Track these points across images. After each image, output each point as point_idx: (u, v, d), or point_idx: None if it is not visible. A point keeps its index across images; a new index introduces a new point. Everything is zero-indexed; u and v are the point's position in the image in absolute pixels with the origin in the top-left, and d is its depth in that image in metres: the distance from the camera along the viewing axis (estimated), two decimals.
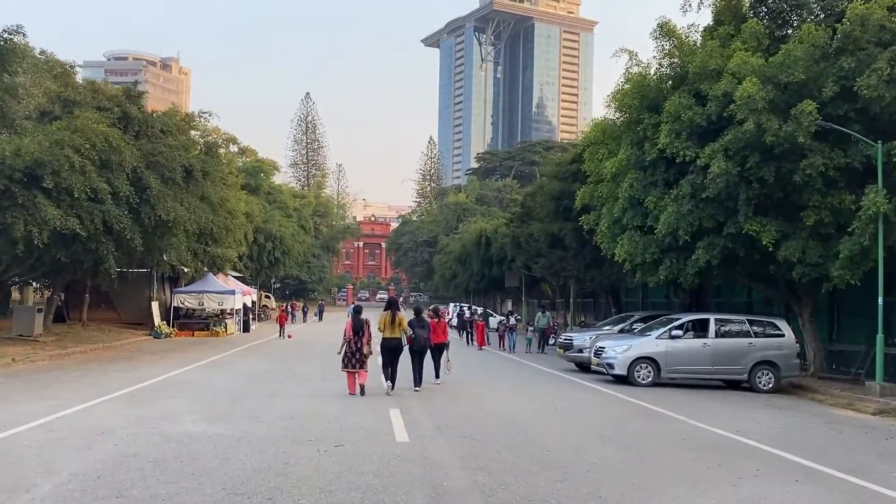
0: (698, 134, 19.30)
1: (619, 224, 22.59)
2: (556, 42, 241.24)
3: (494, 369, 21.25)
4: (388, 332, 15.28)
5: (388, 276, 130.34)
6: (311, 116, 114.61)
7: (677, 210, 19.35)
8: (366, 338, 14.82)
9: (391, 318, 15.31)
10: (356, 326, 14.84)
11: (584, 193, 24.92)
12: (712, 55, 19.00)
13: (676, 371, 17.96)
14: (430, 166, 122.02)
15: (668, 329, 18.16)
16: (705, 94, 19.15)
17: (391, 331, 15.28)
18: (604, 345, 18.66)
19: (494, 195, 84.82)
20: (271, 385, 16.34)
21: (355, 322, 14.89)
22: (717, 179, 18.17)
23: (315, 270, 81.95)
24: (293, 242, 57.93)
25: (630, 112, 21.62)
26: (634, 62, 22.76)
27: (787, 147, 17.63)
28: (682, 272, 20.58)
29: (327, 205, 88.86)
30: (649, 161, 20.67)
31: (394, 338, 15.24)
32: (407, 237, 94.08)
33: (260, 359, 23.61)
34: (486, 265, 54.19)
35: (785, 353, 18.06)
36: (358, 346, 14.70)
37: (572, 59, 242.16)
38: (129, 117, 24.70)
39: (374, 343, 15.42)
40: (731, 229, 19.08)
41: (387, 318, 15.31)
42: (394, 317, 15.32)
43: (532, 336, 28.74)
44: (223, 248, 34.65)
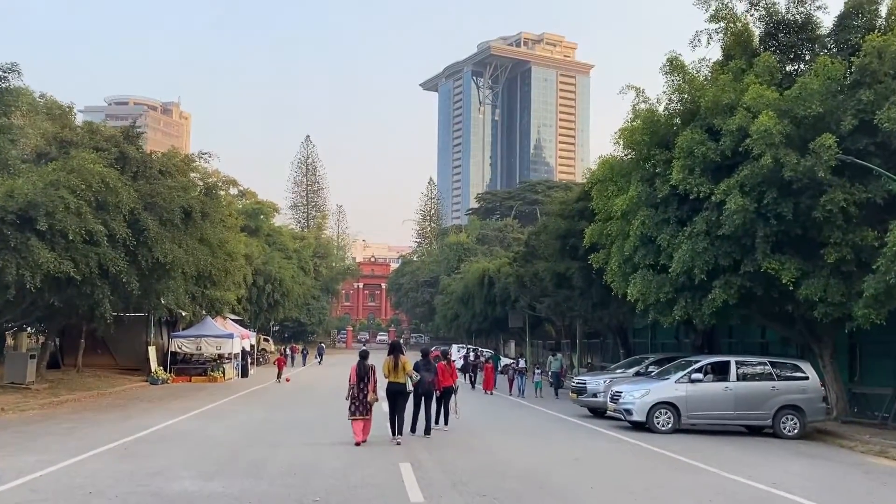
0: (712, 170, 18.74)
1: (630, 262, 21.92)
2: (552, 85, 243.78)
3: (506, 415, 20.37)
4: (391, 376, 14.83)
5: (388, 318, 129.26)
6: (312, 158, 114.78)
7: (692, 248, 18.69)
8: (371, 384, 14.30)
9: (394, 362, 14.85)
10: (361, 372, 14.35)
11: (592, 231, 24.30)
12: (725, 89, 18.52)
13: (697, 416, 17.12)
14: (429, 206, 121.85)
15: (688, 372, 17.37)
16: (718, 129, 18.64)
17: (394, 375, 14.82)
18: (620, 389, 17.84)
19: (495, 235, 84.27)
20: (272, 435, 15.49)
21: (360, 367, 14.40)
22: (734, 216, 17.54)
23: (314, 312, 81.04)
24: (293, 284, 57.23)
25: (640, 148, 21.11)
26: (642, 99, 22.44)
27: (805, 182, 17.06)
28: (698, 312, 19.84)
29: (327, 246, 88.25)
30: (661, 198, 20.08)
31: (397, 382, 14.75)
32: (407, 277, 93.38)
33: (259, 406, 22.73)
34: (489, 305, 53.46)
35: (810, 396, 17.26)
36: (364, 392, 14.20)
37: (569, 102, 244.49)
38: (126, 158, 24.18)
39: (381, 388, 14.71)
40: (748, 267, 18.40)
41: (390, 363, 14.88)
42: (396, 361, 14.85)
43: (541, 379, 27.63)
44: (222, 290, 33.95)
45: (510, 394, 27.80)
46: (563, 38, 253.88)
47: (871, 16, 18.89)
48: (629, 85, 22.74)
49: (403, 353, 15.42)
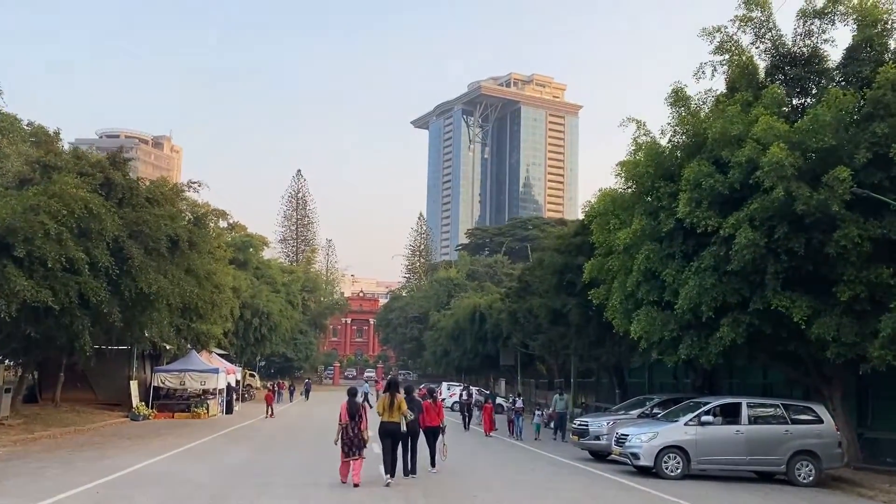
0: (719, 203, 18.12)
1: (632, 299, 21.19)
2: (542, 125, 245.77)
3: (505, 460, 19.17)
4: (386, 415, 14.20)
5: (376, 354, 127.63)
6: (302, 193, 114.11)
7: (699, 283, 17.99)
8: (363, 423, 13.79)
9: (390, 400, 14.25)
10: (351, 410, 13.79)
11: (592, 266, 23.58)
12: (734, 121, 17.98)
13: (707, 461, 16.24)
14: (419, 242, 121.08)
15: (698, 414, 16.51)
16: (726, 162, 18.06)
17: (389, 414, 14.20)
18: (626, 432, 16.94)
19: (485, 271, 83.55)
20: (257, 479, 14.46)
21: (350, 405, 13.87)
22: (744, 251, 16.87)
23: (302, 347, 79.72)
24: (281, 318, 56.20)
25: (643, 181, 20.51)
26: (643, 132, 21.98)
27: (818, 216, 16.46)
28: (704, 351, 19.08)
29: (316, 280, 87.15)
30: (666, 232, 19.44)
31: (392, 422, 14.12)
32: (396, 313, 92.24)
33: (244, 445, 21.63)
34: (480, 342, 52.51)
35: (825, 441, 16.43)
36: (355, 431, 13.66)
37: (558, 141, 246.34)
38: (112, 184, 23.35)
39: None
40: (757, 305, 17.69)
41: (385, 401, 14.31)
42: (392, 399, 14.24)
43: (540, 420, 26.53)
44: (208, 323, 32.95)
45: (511, 434, 26.55)
46: (552, 79, 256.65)
47: (882, 49, 18.48)
48: (630, 117, 22.35)
49: (400, 390, 14.82)
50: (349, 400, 14.03)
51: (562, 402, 25.91)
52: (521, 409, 25.13)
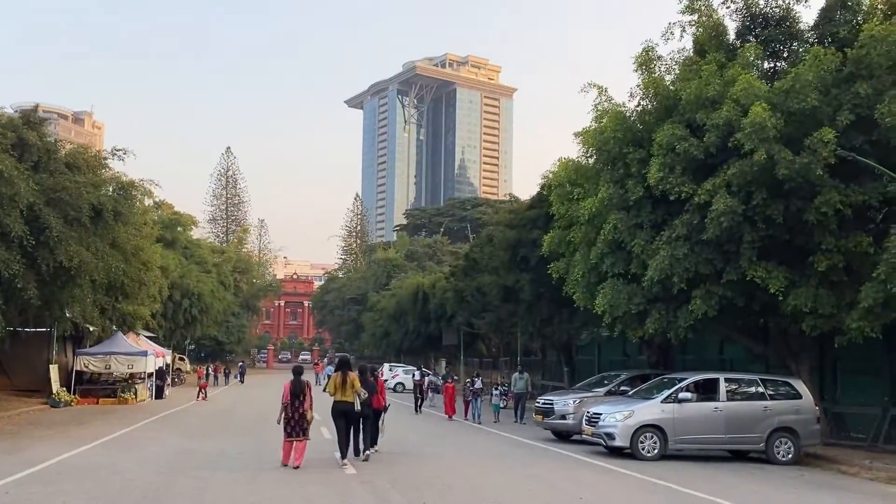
0: (693, 169, 17.16)
1: (595, 272, 20.17)
2: (477, 107, 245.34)
3: (470, 445, 17.54)
4: (338, 394, 13.54)
5: (311, 337, 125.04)
6: (232, 171, 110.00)
7: (671, 254, 17.00)
8: (307, 402, 13.22)
9: (342, 379, 13.61)
10: (295, 390, 13.20)
11: (551, 239, 22.46)
12: (709, 81, 16.97)
13: (685, 441, 15.30)
14: (356, 222, 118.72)
15: (675, 391, 15.51)
16: (701, 125, 17.09)
17: (342, 393, 13.53)
18: (599, 411, 15.84)
19: (425, 251, 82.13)
20: (198, 471, 12.79)
21: (294, 385, 13.26)
22: (721, 218, 15.94)
23: (234, 330, 76.94)
24: (212, 300, 53.60)
25: (609, 147, 19.40)
26: (605, 98, 20.96)
27: (798, 182, 15.62)
28: (673, 325, 18.20)
29: (248, 261, 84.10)
30: (634, 200, 18.39)
31: (345, 401, 13.47)
32: (333, 294, 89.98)
33: (179, 432, 19.79)
34: (423, 322, 51.22)
35: (804, 418, 15.69)
36: (299, 411, 13.10)
37: (493, 124, 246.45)
38: (26, 145, 20.91)
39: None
40: (731, 276, 16.83)
41: (337, 380, 13.65)
42: (345, 378, 13.61)
43: (499, 402, 24.78)
44: (135, 304, 30.63)
45: (465, 418, 24.73)
46: (488, 60, 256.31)
47: (857, 8, 17.73)
48: (591, 83, 21.31)
49: (352, 369, 14.29)
50: (294, 379, 13.36)
51: (522, 382, 24.48)
52: (480, 391, 23.70)
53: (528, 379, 24.98)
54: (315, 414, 14.08)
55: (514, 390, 24.26)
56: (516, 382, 24.10)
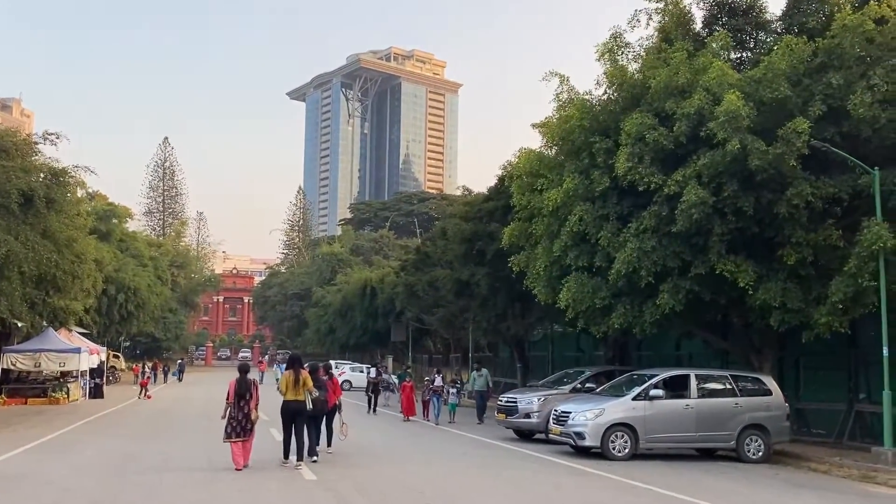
0: (661, 159, 16.70)
1: (557, 265, 19.59)
2: (422, 101, 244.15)
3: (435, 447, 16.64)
4: (290, 393, 13.07)
5: (251, 333, 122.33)
6: (170, 162, 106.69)
7: (639, 247, 16.52)
8: (253, 401, 12.77)
9: (294, 377, 13.16)
10: (241, 388, 12.74)
11: (512, 231, 21.79)
12: (680, 69, 16.51)
13: (656, 440, 14.80)
14: (298, 216, 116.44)
15: (646, 388, 14.99)
16: (671, 114, 16.63)
17: (294, 392, 13.08)
18: (568, 409, 15.21)
19: (371, 246, 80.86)
20: (141, 477, 11.71)
21: (240, 383, 12.80)
22: (692, 210, 15.50)
23: (171, 327, 74.41)
24: (149, 295, 51.58)
25: (575, 137, 18.85)
26: (567, 87, 20.46)
27: (770, 174, 15.29)
28: (638, 320, 17.75)
29: (186, 255, 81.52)
30: (599, 192, 17.86)
31: (297, 400, 13.05)
32: (275, 290, 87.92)
33: (119, 435, 18.47)
34: (370, 318, 50.18)
35: (774, 414, 15.38)
36: (244, 410, 12.64)
37: (438, 119, 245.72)
38: None
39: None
40: (699, 269, 16.44)
41: (289, 378, 13.17)
42: (297, 376, 13.17)
43: (456, 400, 22.85)
44: (68, 298, 28.87)
45: (425, 418, 23.01)
46: (433, 55, 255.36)
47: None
48: (552, 71, 20.83)
49: (304, 366, 13.84)
50: (239, 377, 12.92)
51: (481, 380, 23.24)
52: (440, 389, 22.77)
53: (488, 376, 24.00)
54: (262, 414, 13.48)
55: (473, 388, 23.30)
56: (475, 380, 23.15)
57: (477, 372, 23.51)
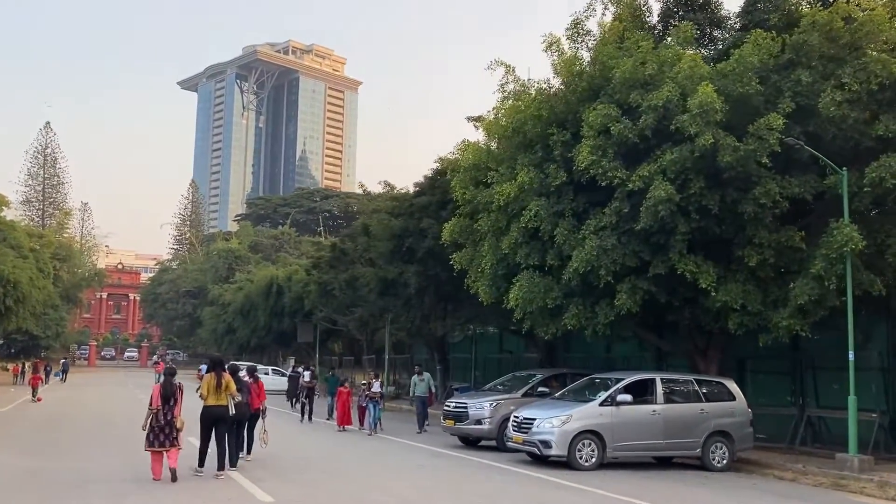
0: (623, 153, 16.01)
1: (503, 263, 18.64)
2: (321, 97, 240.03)
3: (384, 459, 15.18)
4: (212, 398, 12.32)
5: (137, 332, 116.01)
6: (52, 148, 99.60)
7: (599, 245, 15.75)
8: (178, 407, 11.93)
9: (216, 381, 12.40)
10: (166, 393, 11.85)
11: (453, 227, 20.67)
12: (647, 60, 15.86)
13: (623, 448, 13.99)
14: (190, 210, 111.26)
15: (612, 393, 14.17)
16: (634, 106, 15.95)
17: (216, 397, 12.34)
18: (531, 415, 14.18)
19: (271, 243, 77.98)
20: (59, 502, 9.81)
21: (165, 388, 11.89)
22: (659, 207, 14.85)
23: (51, 324, 69.17)
24: (31, 289, 47.42)
25: (529, 128, 17.96)
26: (511, 78, 19.70)
27: (738, 171, 14.83)
28: (591, 321, 17.00)
29: (69, 248, 76.06)
30: (555, 186, 17.01)
31: (219, 405, 12.31)
32: (166, 287, 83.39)
33: (11, 445, 16.08)
34: (275, 317, 47.94)
35: (738, 420, 14.90)
36: (168, 417, 11.76)
37: (337, 116, 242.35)
38: None
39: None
40: (658, 269, 15.84)
41: (211, 382, 12.41)
42: (220, 379, 12.43)
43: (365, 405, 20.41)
44: None
45: (361, 426, 20.90)
46: (333, 51, 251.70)
47: None
48: (498, 60, 20.09)
49: (226, 369, 12.99)
50: (164, 381, 12.03)
51: (423, 384, 21.32)
52: (378, 395, 20.50)
53: (430, 381, 22.10)
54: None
55: (414, 394, 21.58)
56: (416, 385, 21.48)
57: (418, 376, 21.77)
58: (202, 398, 12.41)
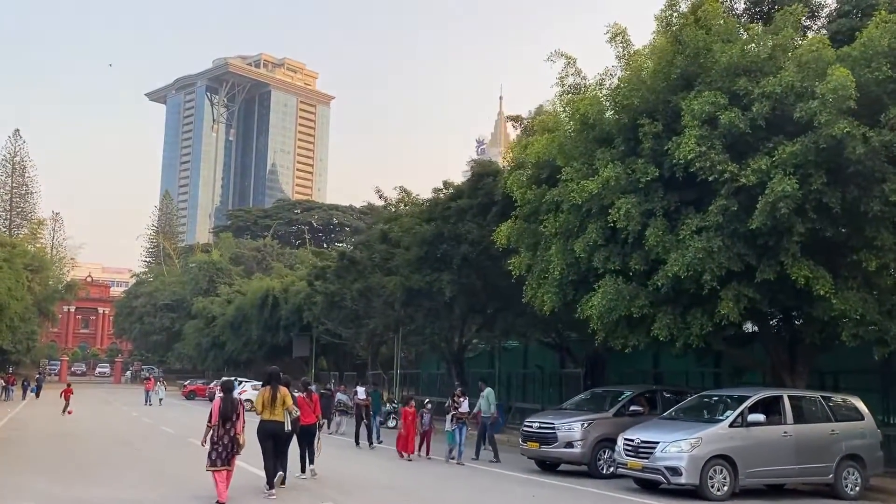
0: (729, 145, 14.47)
1: (575, 268, 16.96)
2: (292, 111, 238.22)
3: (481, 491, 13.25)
4: (266, 413, 11.96)
5: (106, 347, 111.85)
6: (21, 157, 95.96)
7: (706, 247, 14.16)
8: (239, 423, 11.32)
9: (271, 395, 12.03)
10: (226, 409, 11.27)
11: (509, 230, 18.96)
12: (761, 43, 14.39)
13: (755, 474, 12.33)
14: (164, 222, 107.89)
15: (741, 412, 12.50)
16: (742, 94, 14.46)
17: (271, 412, 11.98)
18: (652, 438, 12.45)
19: (253, 255, 75.36)
20: None
21: (225, 404, 11.33)
22: (780, 204, 13.30)
23: (22, 338, 65.76)
24: (9, 299, 44.69)
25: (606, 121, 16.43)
26: (572, 71, 18.31)
27: (865, 166, 13.36)
28: (683, 332, 15.38)
29: (42, 259, 72.65)
30: (644, 183, 15.41)
31: (275, 420, 11.97)
32: (143, 300, 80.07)
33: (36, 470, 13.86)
34: (270, 331, 45.61)
35: (869, 443, 13.38)
36: (230, 434, 11.19)
37: (308, 130, 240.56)
38: None
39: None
40: (767, 274, 14.29)
41: (266, 396, 12.04)
42: (275, 393, 12.04)
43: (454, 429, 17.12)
44: None
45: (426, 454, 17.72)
46: (304, 65, 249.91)
47: None
48: (558, 51, 18.70)
49: (282, 382, 12.52)
50: (224, 396, 11.47)
51: (484, 402, 18.16)
52: (467, 416, 17.12)
53: (492, 397, 18.75)
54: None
55: (484, 414, 18.12)
56: (481, 403, 18.31)
57: (485, 394, 18.52)
58: (257, 413, 11.95)
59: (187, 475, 13.32)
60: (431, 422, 17.81)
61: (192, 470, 13.41)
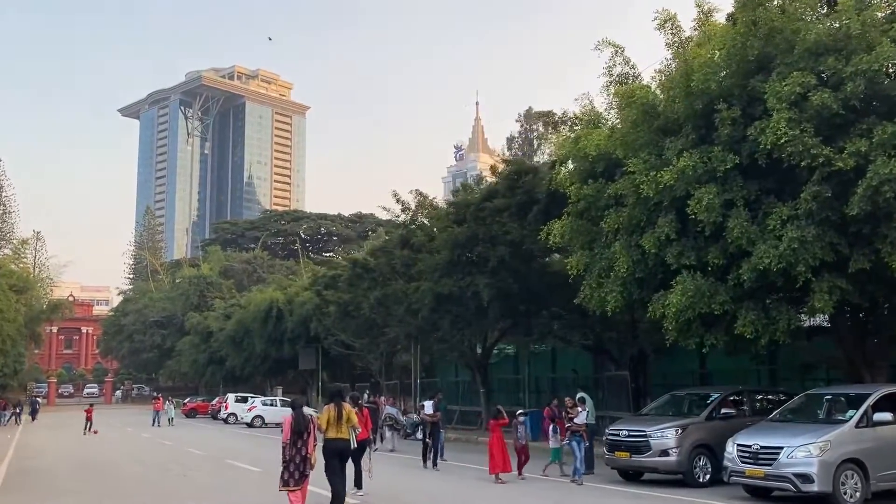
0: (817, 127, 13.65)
1: (643, 265, 16.05)
2: (268, 122, 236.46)
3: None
4: (332, 431, 11.74)
5: (91, 367, 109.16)
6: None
7: (799, 236, 13.32)
8: (311, 441, 11.16)
9: (337, 412, 11.80)
10: (298, 427, 11.07)
11: (563, 227, 18.01)
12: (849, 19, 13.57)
13: (885, 478, 11.42)
14: (147, 238, 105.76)
15: (864, 411, 11.60)
16: (830, 73, 13.66)
17: (337, 429, 11.75)
18: (773, 443, 11.48)
19: (243, 267, 73.78)
20: None
21: (297, 421, 11.13)
22: (885, 188, 12.50)
23: (9, 361, 63.55)
24: (2, 322, 42.94)
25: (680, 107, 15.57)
26: (622, 59, 17.60)
27: None
28: (768, 328, 14.50)
29: (27, 279, 70.32)
30: (723, 171, 14.57)
31: (341, 438, 11.75)
32: (132, 317, 77.97)
33: None
34: (274, 344, 44.18)
35: None
36: (302, 452, 10.99)
37: (285, 141, 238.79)
38: None
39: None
40: (861, 264, 13.49)
41: (331, 413, 11.80)
42: (340, 411, 11.83)
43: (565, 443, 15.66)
44: None
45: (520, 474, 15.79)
46: (279, 76, 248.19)
47: None
48: (605, 40, 17.98)
49: (346, 399, 12.70)
50: (295, 413, 11.30)
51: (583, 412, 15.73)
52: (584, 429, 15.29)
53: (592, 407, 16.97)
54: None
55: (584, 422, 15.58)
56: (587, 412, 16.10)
57: (582, 401, 16.45)
58: (320, 430, 11.65)
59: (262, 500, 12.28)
60: (527, 435, 16.41)
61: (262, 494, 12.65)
